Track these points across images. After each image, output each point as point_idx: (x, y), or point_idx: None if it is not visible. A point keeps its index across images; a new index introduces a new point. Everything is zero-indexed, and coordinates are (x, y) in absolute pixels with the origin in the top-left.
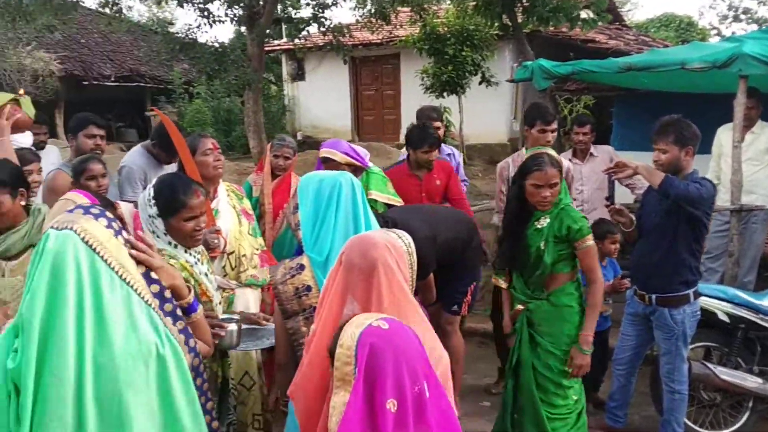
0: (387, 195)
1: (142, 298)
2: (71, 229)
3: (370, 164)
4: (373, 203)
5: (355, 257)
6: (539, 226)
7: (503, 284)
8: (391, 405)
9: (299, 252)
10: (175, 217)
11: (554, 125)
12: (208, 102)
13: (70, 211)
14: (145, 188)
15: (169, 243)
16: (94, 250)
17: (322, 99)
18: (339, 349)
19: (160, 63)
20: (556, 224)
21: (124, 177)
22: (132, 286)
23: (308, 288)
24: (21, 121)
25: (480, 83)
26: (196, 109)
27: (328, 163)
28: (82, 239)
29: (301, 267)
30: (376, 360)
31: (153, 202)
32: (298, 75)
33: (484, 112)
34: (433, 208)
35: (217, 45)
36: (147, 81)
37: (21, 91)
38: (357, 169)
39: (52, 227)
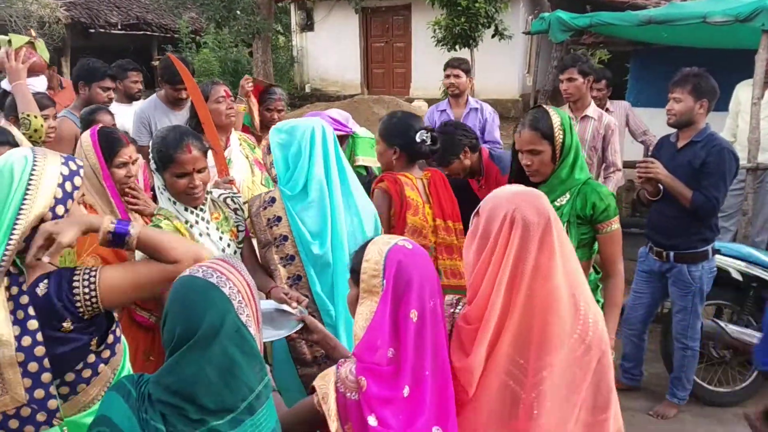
0: (374, 159)
1: None
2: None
3: (356, 128)
4: (360, 170)
5: (532, 215)
6: (558, 205)
7: None
8: (413, 315)
9: None
10: (166, 173)
11: (575, 75)
12: (216, 52)
13: None
14: (151, 135)
15: (169, 199)
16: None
17: (331, 50)
18: (366, 263)
19: (167, 11)
20: (579, 202)
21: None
22: None
23: (278, 219)
24: (37, 65)
25: (493, 36)
26: (204, 59)
27: None
28: None
29: (273, 200)
30: (402, 274)
31: (151, 155)
32: (307, 25)
33: (496, 67)
34: None
35: None
36: (154, 30)
37: (33, 34)
38: (341, 138)
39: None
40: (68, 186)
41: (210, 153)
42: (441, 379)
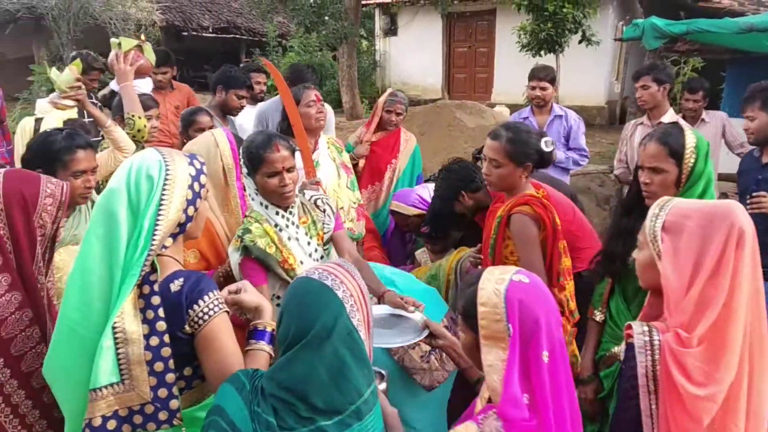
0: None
1: None
2: None
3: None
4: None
5: (749, 228)
6: None
7: (599, 316)
8: (545, 356)
9: None
10: (258, 174)
11: (649, 83)
12: (301, 56)
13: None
14: None
15: (261, 203)
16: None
17: (414, 55)
18: (483, 308)
19: (256, 16)
20: None
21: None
22: None
23: None
24: (143, 67)
25: (580, 42)
26: (289, 62)
27: (397, 217)
28: None
29: None
30: (527, 314)
31: (242, 161)
32: (391, 30)
33: (582, 73)
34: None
35: None
36: (243, 33)
37: (142, 37)
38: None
39: None
40: (196, 186)
41: (298, 155)
42: (576, 415)
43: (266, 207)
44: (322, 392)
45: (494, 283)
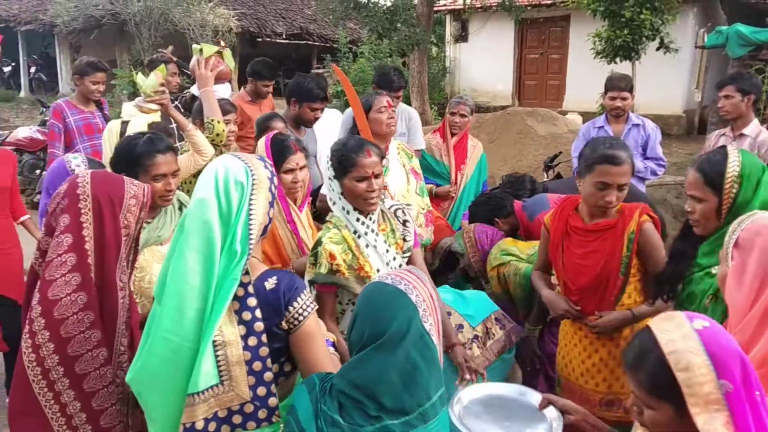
0: None
1: None
2: None
3: None
4: None
5: None
6: (713, 272)
7: None
8: (758, 395)
9: None
10: (347, 177)
11: (732, 93)
12: (371, 62)
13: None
14: None
15: (343, 209)
16: None
17: (484, 61)
18: (685, 374)
19: (328, 23)
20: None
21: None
22: None
23: None
24: (223, 73)
25: (657, 49)
26: (360, 68)
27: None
28: None
29: None
30: (733, 362)
31: (329, 163)
32: (461, 36)
33: (659, 81)
34: None
35: (389, 4)
36: (315, 39)
37: (222, 44)
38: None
39: None
40: (272, 188)
41: None
42: None
43: (348, 212)
44: (391, 393)
45: (682, 341)
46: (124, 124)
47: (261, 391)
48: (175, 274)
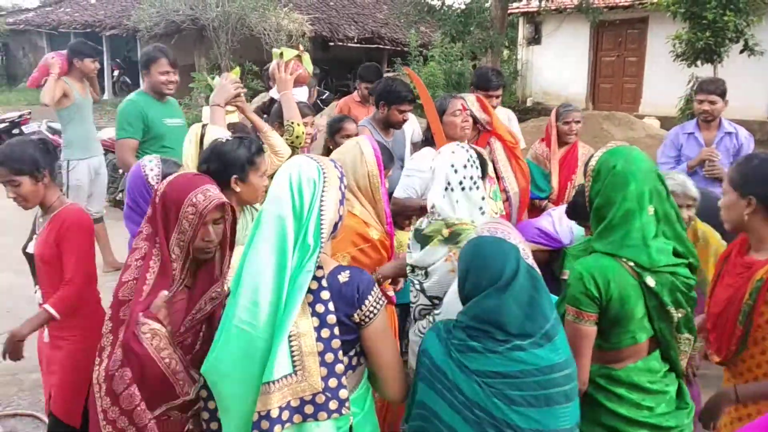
0: None
1: None
2: None
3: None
4: None
5: None
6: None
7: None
8: None
9: None
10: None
11: None
12: (442, 65)
13: None
14: None
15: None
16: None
17: (557, 64)
18: None
19: (400, 26)
20: None
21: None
22: None
23: None
24: (301, 77)
25: (741, 52)
26: (430, 71)
27: None
28: None
29: None
30: None
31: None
32: (534, 39)
33: (742, 85)
34: None
35: (463, 6)
36: (386, 43)
37: (301, 48)
38: None
39: None
40: (342, 187)
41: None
42: None
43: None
44: (514, 321)
45: None
46: (204, 126)
47: (332, 382)
48: (251, 267)
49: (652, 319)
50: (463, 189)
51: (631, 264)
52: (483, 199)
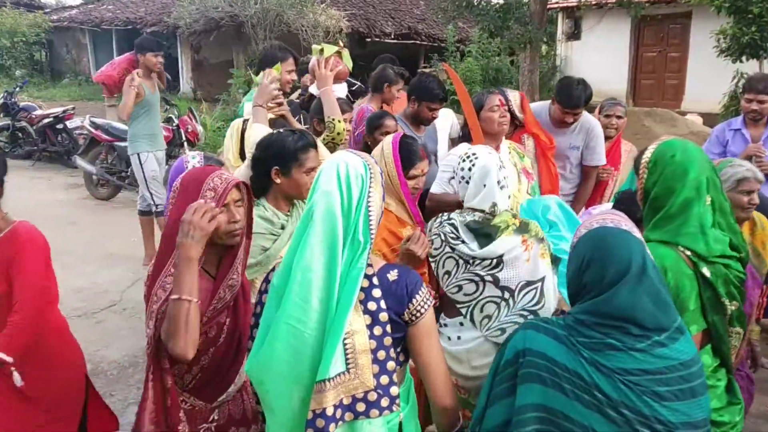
0: None
1: None
2: None
3: None
4: None
5: None
6: None
7: None
8: None
9: None
10: None
11: None
12: (479, 60)
13: None
14: None
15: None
16: None
17: (597, 60)
18: None
19: (437, 22)
20: None
21: None
22: None
23: None
24: (341, 72)
25: None
26: (467, 67)
27: None
28: None
29: None
30: None
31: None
32: (574, 34)
33: None
34: None
35: (501, 2)
36: (423, 39)
37: (341, 44)
38: None
39: None
40: (383, 184)
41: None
42: None
43: None
44: (649, 316)
45: None
46: (245, 122)
47: (384, 379)
48: (301, 263)
49: (705, 312)
50: (501, 188)
51: (688, 253)
52: (509, 197)
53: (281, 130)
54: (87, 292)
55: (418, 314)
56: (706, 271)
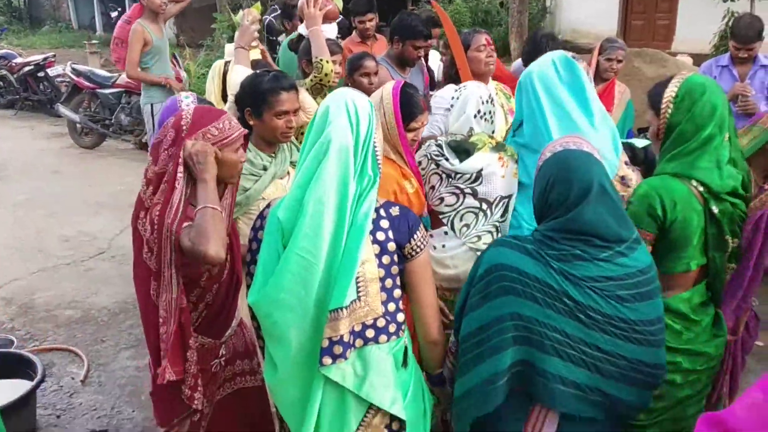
0: None
1: None
2: None
3: None
4: None
5: None
6: None
7: None
8: None
9: None
10: None
11: None
12: (467, 2)
13: None
14: None
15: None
16: None
17: (587, 1)
18: None
19: None
20: None
21: None
22: None
23: None
24: (331, 12)
25: None
26: (456, 9)
27: None
28: None
29: None
30: None
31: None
32: None
33: None
34: None
35: None
36: None
37: None
38: None
39: None
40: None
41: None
42: None
43: None
44: (610, 230)
45: None
46: (227, 63)
47: (391, 306)
48: (314, 196)
49: (707, 248)
50: (484, 120)
51: (701, 189)
52: (493, 132)
53: (260, 72)
54: (74, 240)
55: (418, 250)
56: (715, 208)
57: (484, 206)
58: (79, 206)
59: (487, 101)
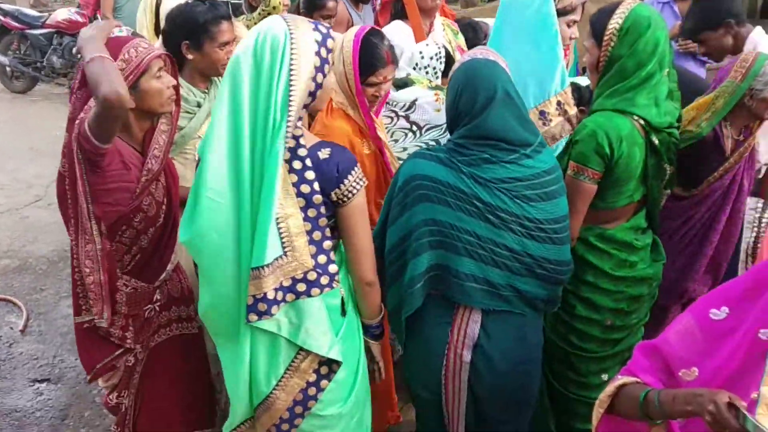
0: None
1: None
2: None
3: None
4: None
5: None
6: None
7: None
8: None
9: None
10: None
11: None
12: None
13: None
14: None
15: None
16: None
17: None
18: None
19: None
20: None
21: None
22: None
23: None
24: None
25: None
26: None
27: None
28: None
29: None
30: None
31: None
32: None
33: None
34: None
35: None
36: None
37: None
38: None
39: None
40: (323, 52)
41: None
42: None
43: None
44: (516, 134)
45: None
46: None
47: (321, 258)
48: (212, 133)
49: (646, 177)
50: (427, 74)
51: (642, 122)
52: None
53: (190, 1)
54: (9, 188)
55: (350, 195)
56: (655, 140)
57: (414, 128)
58: (13, 153)
59: (434, 58)
